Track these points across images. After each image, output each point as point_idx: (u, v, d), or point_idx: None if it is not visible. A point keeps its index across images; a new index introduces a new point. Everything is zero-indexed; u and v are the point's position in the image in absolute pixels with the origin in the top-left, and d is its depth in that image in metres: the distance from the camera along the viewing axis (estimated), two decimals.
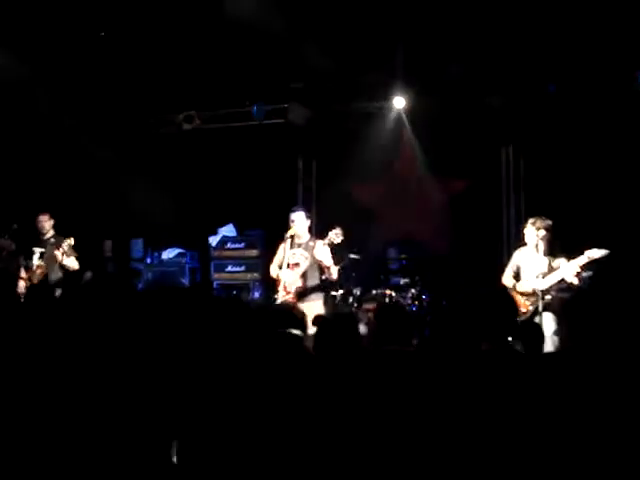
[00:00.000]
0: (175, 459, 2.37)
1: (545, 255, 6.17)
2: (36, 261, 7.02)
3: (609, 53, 7.73)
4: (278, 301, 6.52)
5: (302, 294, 6.38)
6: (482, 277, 7.77)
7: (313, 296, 6.29)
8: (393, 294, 8.23)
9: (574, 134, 8.29)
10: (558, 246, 6.28)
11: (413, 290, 8.26)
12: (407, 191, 9.26)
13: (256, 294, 9.06)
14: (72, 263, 6.99)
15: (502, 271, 6.96)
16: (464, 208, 8.86)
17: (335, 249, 6.53)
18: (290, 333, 3.38)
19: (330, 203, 9.06)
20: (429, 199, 9.20)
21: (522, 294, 6.15)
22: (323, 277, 6.51)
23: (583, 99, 8.13)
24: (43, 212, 7.19)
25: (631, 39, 7.53)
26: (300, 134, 9.28)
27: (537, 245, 6.16)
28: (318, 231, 6.92)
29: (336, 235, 6.40)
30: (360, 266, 8.37)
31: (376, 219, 9.39)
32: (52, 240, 7.07)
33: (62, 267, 7.00)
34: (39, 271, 6.96)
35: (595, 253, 5.86)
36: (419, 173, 9.21)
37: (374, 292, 8.37)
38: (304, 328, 3.68)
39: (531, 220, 6.27)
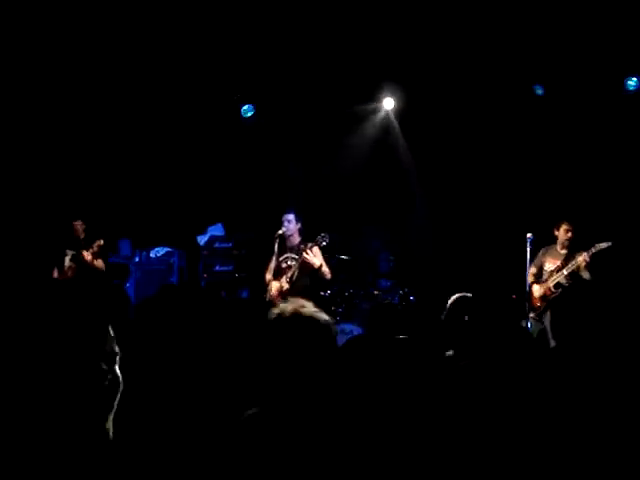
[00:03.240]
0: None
1: (565, 252, 6.81)
2: (67, 262, 7.48)
3: (598, 58, 7.79)
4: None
5: (292, 296, 6.41)
6: (471, 279, 7.83)
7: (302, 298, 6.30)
8: (381, 295, 8.26)
9: (560, 135, 8.37)
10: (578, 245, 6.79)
11: (401, 292, 8.29)
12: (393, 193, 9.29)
13: (243, 294, 9.04)
14: (100, 264, 7.49)
15: (490, 272, 7.28)
16: (453, 210, 8.91)
17: (325, 250, 6.61)
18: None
19: (320, 205, 9.07)
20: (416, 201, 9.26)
21: (538, 290, 6.85)
22: (316, 278, 6.57)
23: (572, 104, 8.20)
24: (76, 219, 7.63)
25: (620, 44, 7.60)
26: (291, 135, 9.27)
27: (560, 244, 6.86)
28: (308, 234, 6.96)
29: (322, 238, 6.51)
30: (349, 267, 8.39)
31: (365, 221, 9.41)
32: (84, 243, 7.50)
33: (91, 268, 7.40)
34: (70, 272, 7.40)
35: (600, 245, 6.52)
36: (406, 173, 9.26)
37: (362, 293, 8.40)
38: None
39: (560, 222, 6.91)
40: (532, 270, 7.00)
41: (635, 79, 7.98)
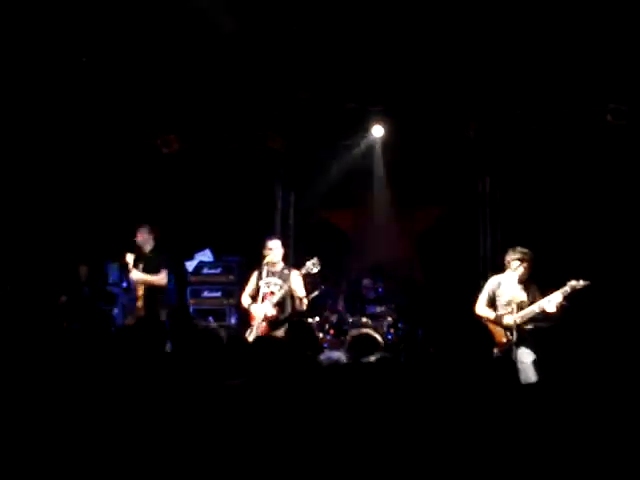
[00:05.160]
0: None
1: (523, 285, 6.16)
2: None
3: (583, 85, 7.84)
4: (253, 332, 6.45)
5: (276, 323, 6.34)
6: (459, 306, 7.79)
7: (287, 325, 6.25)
8: (369, 322, 8.20)
9: (549, 164, 8.41)
10: (535, 276, 6.32)
11: (389, 318, 8.25)
12: (382, 219, 9.28)
13: (232, 320, 8.99)
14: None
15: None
16: (441, 237, 8.91)
17: (309, 278, 6.55)
18: None
19: (307, 230, 9.04)
20: (403, 228, 9.25)
21: (502, 325, 6.05)
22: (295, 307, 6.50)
23: (559, 131, 8.25)
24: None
25: (605, 71, 7.65)
26: (278, 161, 9.29)
27: (516, 275, 6.12)
28: (295, 259, 6.91)
29: (313, 265, 6.41)
30: (336, 294, 8.36)
31: (353, 247, 9.40)
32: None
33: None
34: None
35: (577, 284, 5.85)
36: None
37: (350, 320, 8.34)
38: None
39: (512, 249, 6.25)
40: (484, 301, 6.25)
41: None
